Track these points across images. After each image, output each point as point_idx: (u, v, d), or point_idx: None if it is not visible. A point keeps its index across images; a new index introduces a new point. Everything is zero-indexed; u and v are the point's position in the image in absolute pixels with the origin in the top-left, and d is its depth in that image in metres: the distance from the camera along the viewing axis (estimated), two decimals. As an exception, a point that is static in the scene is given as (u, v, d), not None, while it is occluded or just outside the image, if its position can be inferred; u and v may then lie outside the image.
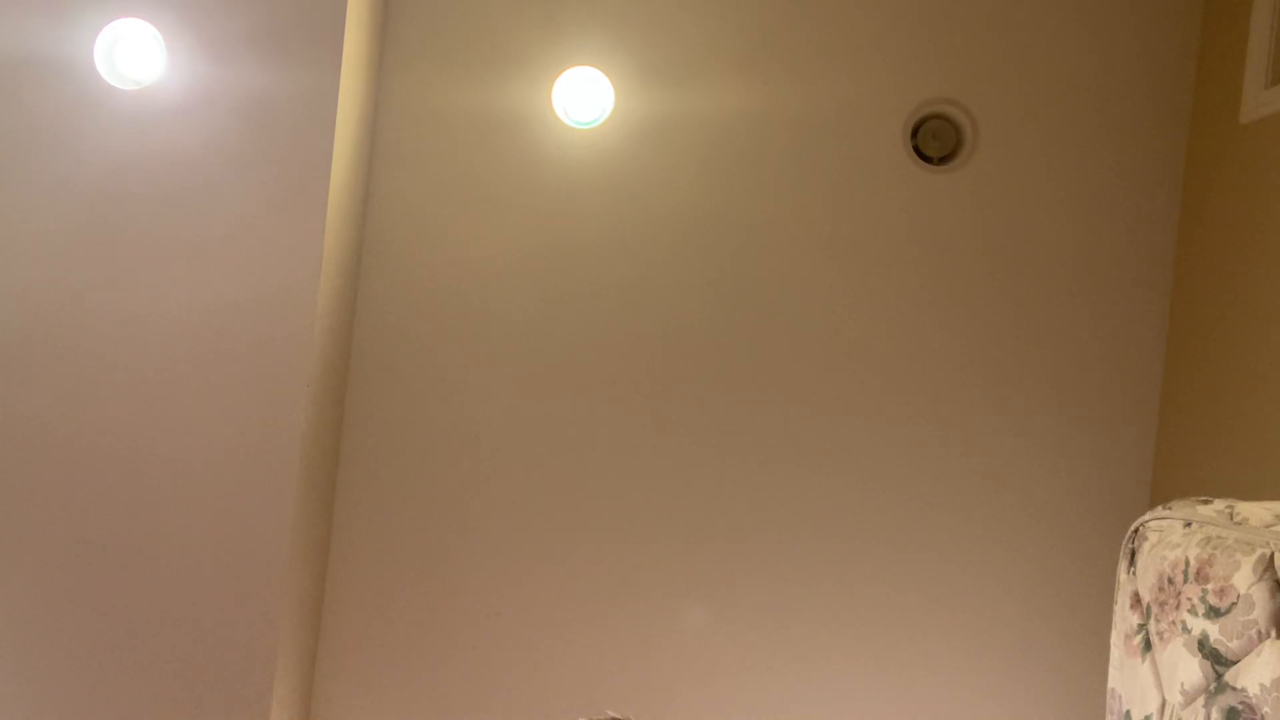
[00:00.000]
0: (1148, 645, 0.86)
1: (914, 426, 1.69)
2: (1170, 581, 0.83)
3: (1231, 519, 0.82)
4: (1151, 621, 0.85)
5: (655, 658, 1.67)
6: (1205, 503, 0.86)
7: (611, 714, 0.74)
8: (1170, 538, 0.85)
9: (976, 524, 1.69)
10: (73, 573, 1.43)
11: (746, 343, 1.68)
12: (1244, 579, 0.76)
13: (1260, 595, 0.74)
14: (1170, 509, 0.89)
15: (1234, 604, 0.76)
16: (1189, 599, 0.80)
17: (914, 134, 1.69)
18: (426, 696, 1.66)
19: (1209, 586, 0.78)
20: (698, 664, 1.67)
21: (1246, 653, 0.75)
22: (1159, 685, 0.83)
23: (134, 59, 1.42)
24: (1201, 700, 0.78)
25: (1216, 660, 0.77)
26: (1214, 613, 0.77)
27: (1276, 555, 0.75)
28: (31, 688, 1.42)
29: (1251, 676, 0.74)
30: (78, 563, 1.43)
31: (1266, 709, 0.72)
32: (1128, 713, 0.87)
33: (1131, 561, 0.91)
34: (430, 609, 1.66)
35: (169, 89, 1.42)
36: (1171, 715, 0.81)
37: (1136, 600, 0.89)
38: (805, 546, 1.68)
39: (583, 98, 1.63)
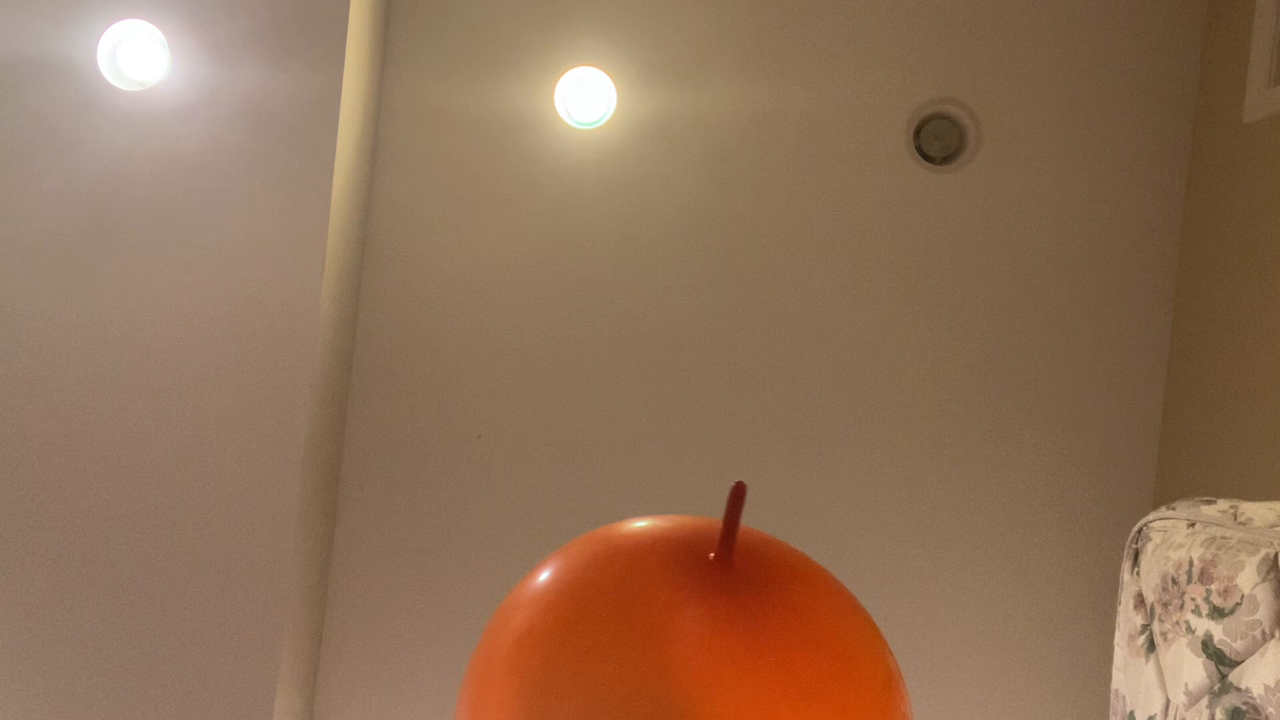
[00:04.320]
0: (1151, 646, 0.85)
1: (915, 426, 1.69)
2: (1174, 582, 0.83)
3: (1235, 519, 0.82)
4: (1155, 622, 0.85)
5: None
6: (1209, 503, 0.86)
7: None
8: (1174, 538, 0.85)
9: (978, 524, 1.69)
10: (75, 574, 1.43)
11: (748, 342, 1.68)
12: (1248, 579, 0.76)
13: (1264, 596, 0.74)
14: (1174, 509, 0.88)
15: (1238, 604, 0.76)
16: (1193, 599, 0.80)
17: (916, 134, 1.69)
18: (429, 697, 1.66)
19: (1213, 587, 0.78)
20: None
21: (1250, 653, 0.75)
22: (1163, 686, 0.83)
23: (137, 60, 1.42)
24: (1205, 701, 0.77)
25: (1220, 661, 0.77)
26: (1218, 613, 0.77)
27: (1280, 556, 0.75)
28: (33, 688, 1.43)
29: (1255, 677, 0.74)
30: (80, 564, 1.43)
31: (1270, 709, 0.72)
32: (1131, 713, 0.87)
33: (1135, 562, 0.91)
34: (433, 609, 1.66)
35: (172, 90, 1.42)
36: (1175, 716, 0.81)
37: (1140, 600, 0.88)
38: (806, 548, 1.68)
39: (585, 98, 1.63)
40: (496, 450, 1.66)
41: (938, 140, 1.69)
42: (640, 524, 0.64)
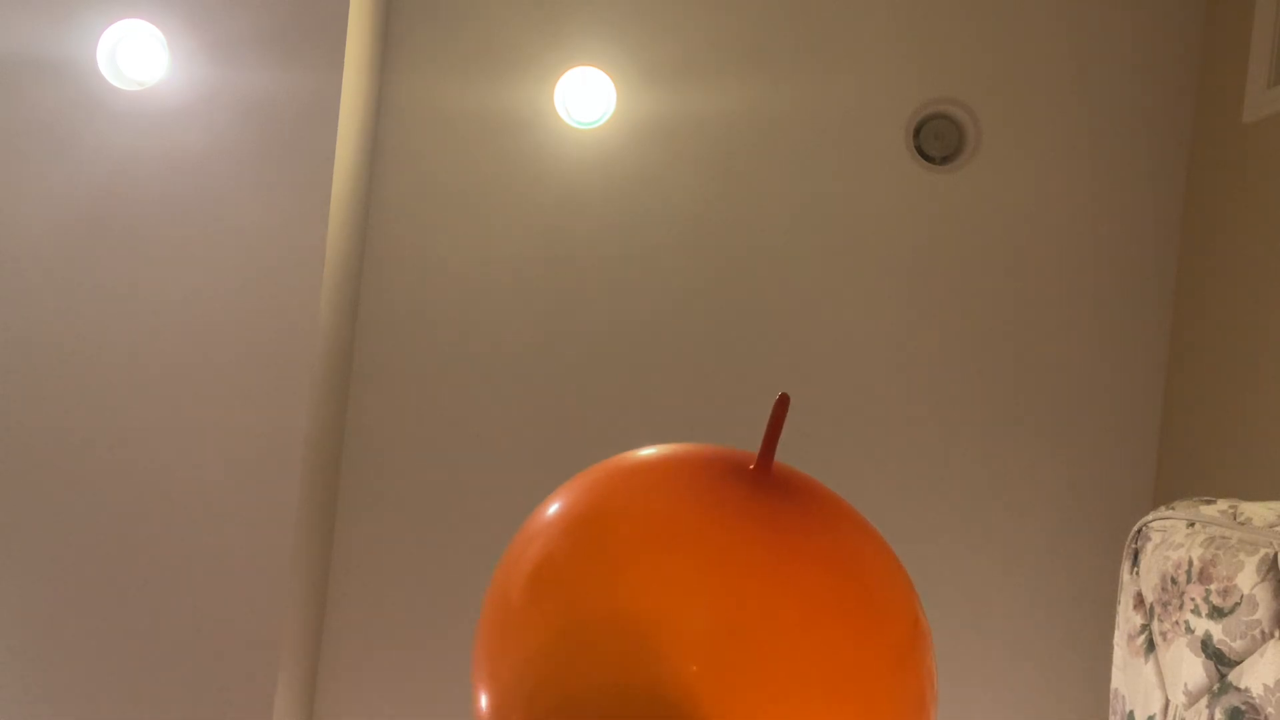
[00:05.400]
0: (1151, 645, 0.85)
1: (916, 426, 1.69)
2: (1173, 581, 0.83)
3: (1235, 519, 0.82)
4: (1155, 622, 0.85)
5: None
6: (1208, 503, 0.86)
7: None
8: (1173, 538, 0.85)
9: (979, 524, 1.69)
10: (75, 573, 1.43)
11: (747, 342, 1.68)
12: (1247, 579, 0.76)
13: (1264, 596, 0.74)
14: (1173, 509, 0.89)
15: (1237, 604, 0.76)
16: (1192, 599, 0.80)
17: (916, 134, 1.69)
18: (429, 696, 1.66)
19: (1212, 587, 0.78)
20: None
21: (1250, 653, 0.75)
22: (1162, 685, 0.83)
23: (137, 60, 1.42)
24: (1205, 701, 0.77)
25: (1220, 661, 0.77)
26: (1217, 613, 0.77)
27: (1280, 555, 0.75)
28: (34, 687, 1.42)
29: (1255, 677, 0.74)
30: (80, 564, 1.43)
31: (1270, 709, 0.72)
32: (1131, 713, 0.87)
33: (1135, 562, 0.91)
34: (433, 609, 1.66)
35: (172, 90, 1.42)
36: (1175, 716, 0.81)
37: (1140, 600, 0.88)
38: (808, 547, 1.68)
39: (585, 98, 1.63)
40: (496, 449, 1.66)
41: (938, 140, 1.69)
42: (656, 450, 0.60)
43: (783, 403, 0.60)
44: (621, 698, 0.49)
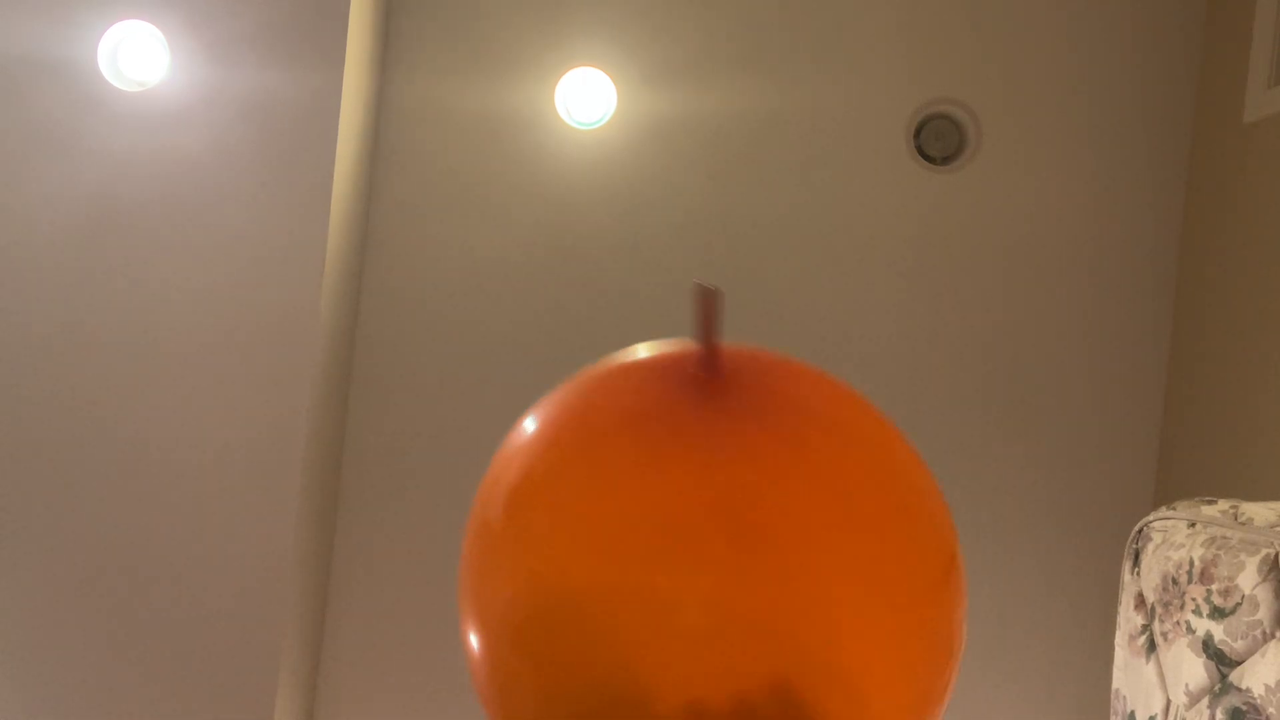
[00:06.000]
0: (1152, 646, 0.85)
1: (915, 426, 1.69)
2: (1174, 582, 0.83)
3: (1236, 519, 0.82)
4: (1156, 622, 0.85)
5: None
6: (1209, 503, 0.86)
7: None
8: (1174, 538, 0.85)
9: (979, 525, 1.69)
10: (75, 573, 1.43)
11: (748, 343, 1.67)
12: (1248, 579, 0.76)
13: (1265, 596, 0.74)
14: (1174, 509, 0.89)
15: (1238, 604, 0.76)
16: (1193, 599, 0.80)
17: (917, 134, 1.69)
18: (429, 697, 1.66)
19: (1213, 587, 0.78)
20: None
21: (1251, 653, 0.75)
22: (1163, 686, 0.83)
23: (138, 61, 1.42)
24: (1206, 701, 0.77)
25: (1221, 661, 0.77)
26: (1218, 613, 0.77)
27: (1281, 556, 0.75)
28: (35, 687, 1.42)
29: (1256, 677, 0.74)
30: (80, 563, 1.43)
31: (1271, 709, 0.72)
32: (1132, 713, 0.87)
33: (1135, 562, 0.91)
34: (433, 610, 1.66)
35: (172, 90, 1.42)
36: (1176, 716, 0.81)
37: (1141, 601, 0.89)
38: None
39: (585, 98, 1.63)
40: (495, 449, 1.66)
41: (938, 140, 1.69)
42: (618, 357, 0.55)
43: (705, 298, 0.50)
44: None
